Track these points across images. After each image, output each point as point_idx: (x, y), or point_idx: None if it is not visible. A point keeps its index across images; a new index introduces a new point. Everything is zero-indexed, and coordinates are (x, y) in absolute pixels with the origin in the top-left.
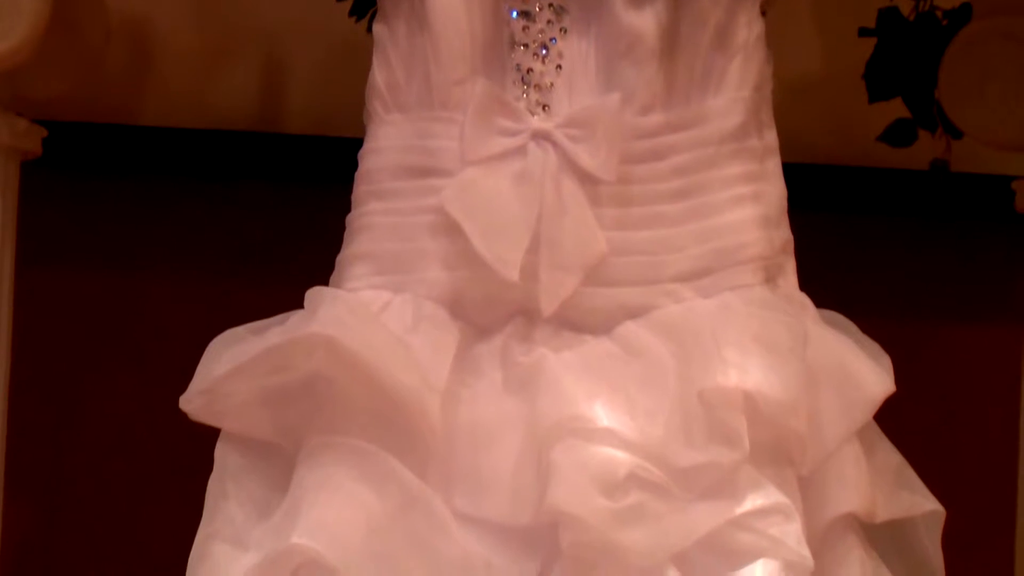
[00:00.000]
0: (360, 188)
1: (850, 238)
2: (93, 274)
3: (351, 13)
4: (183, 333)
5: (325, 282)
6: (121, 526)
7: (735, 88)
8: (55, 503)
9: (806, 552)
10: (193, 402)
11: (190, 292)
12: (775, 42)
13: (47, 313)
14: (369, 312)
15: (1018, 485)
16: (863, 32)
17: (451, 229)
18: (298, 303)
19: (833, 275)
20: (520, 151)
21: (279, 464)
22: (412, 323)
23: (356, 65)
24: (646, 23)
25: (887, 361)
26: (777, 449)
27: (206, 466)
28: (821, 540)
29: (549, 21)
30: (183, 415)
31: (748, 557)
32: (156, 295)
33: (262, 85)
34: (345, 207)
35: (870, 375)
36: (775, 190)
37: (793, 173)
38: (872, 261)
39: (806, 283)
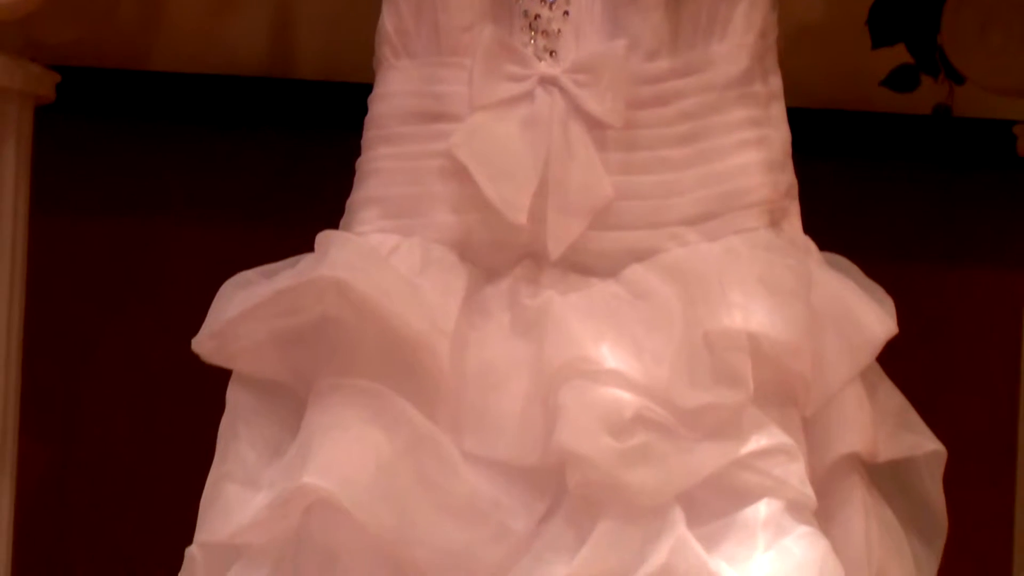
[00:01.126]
0: (369, 133)
1: (853, 182)
2: (106, 217)
3: None
4: (195, 276)
5: (335, 226)
6: (135, 468)
7: (740, 34)
8: (70, 445)
9: (809, 492)
10: (205, 344)
11: (202, 235)
12: None
13: (61, 256)
14: (378, 255)
15: (1018, 425)
16: None
17: (459, 173)
18: (308, 247)
19: (836, 219)
20: (527, 96)
21: (290, 405)
22: (421, 266)
23: (366, 11)
24: None
25: (890, 303)
26: (781, 390)
27: (219, 408)
28: (824, 480)
29: None
30: (196, 357)
31: (752, 497)
32: (168, 238)
33: (272, 31)
34: (355, 152)
35: (873, 317)
36: (779, 135)
37: (797, 118)
38: (875, 205)
39: (810, 227)
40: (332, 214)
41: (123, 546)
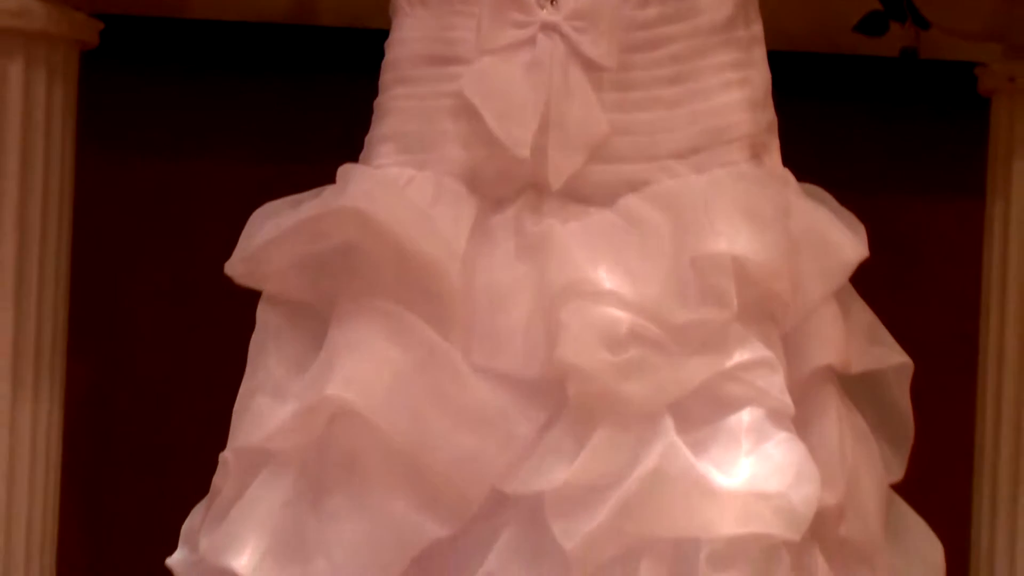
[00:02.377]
0: (386, 75)
1: (828, 119)
2: (146, 154)
3: None
4: (227, 207)
5: (355, 160)
6: (173, 381)
7: None
8: (115, 360)
9: (788, 400)
10: (237, 268)
11: (233, 169)
12: None
13: (105, 190)
14: (395, 187)
15: (979, 341)
16: None
17: (468, 112)
18: (331, 179)
19: (812, 153)
20: (530, 42)
21: (314, 324)
22: (434, 197)
23: None
24: None
25: (861, 229)
26: (762, 309)
27: (249, 326)
28: (801, 390)
29: None
30: (229, 280)
31: (736, 405)
32: (203, 173)
33: None
34: (372, 93)
35: (846, 242)
36: (760, 76)
37: (776, 60)
38: (848, 139)
39: (788, 160)
40: (352, 150)
41: (163, 453)
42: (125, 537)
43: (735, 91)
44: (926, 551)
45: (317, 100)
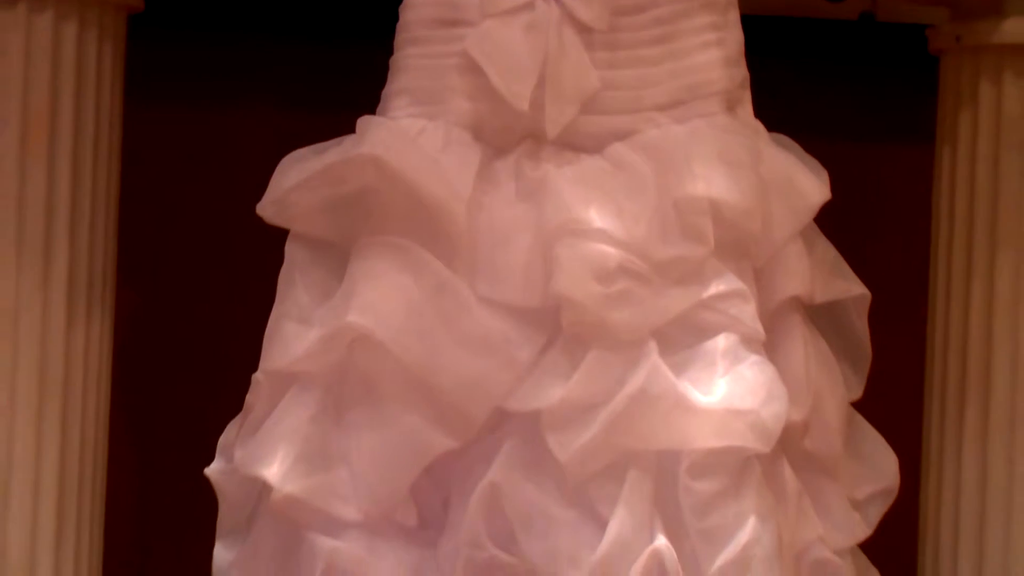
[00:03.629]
0: (400, 36)
1: (795, 76)
2: (187, 108)
3: None
4: (260, 157)
5: (373, 112)
6: (211, 308)
7: None
8: (159, 289)
9: (759, 327)
10: (267, 209)
11: (264, 121)
12: None
13: (150, 144)
14: (408, 136)
15: (929, 274)
16: None
17: (474, 69)
18: (351, 129)
19: (781, 106)
20: (529, 6)
21: (336, 258)
22: (443, 145)
23: None
24: None
25: (825, 174)
26: (736, 245)
27: (278, 261)
28: (771, 318)
29: None
30: (260, 219)
31: (713, 332)
32: (238, 124)
33: None
34: (388, 53)
35: (811, 185)
36: (735, 37)
37: (748, 23)
38: (812, 94)
39: (759, 112)
40: (370, 103)
41: (201, 374)
42: (169, 449)
43: (712, 51)
44: (882, 461)
45: (339, 59)
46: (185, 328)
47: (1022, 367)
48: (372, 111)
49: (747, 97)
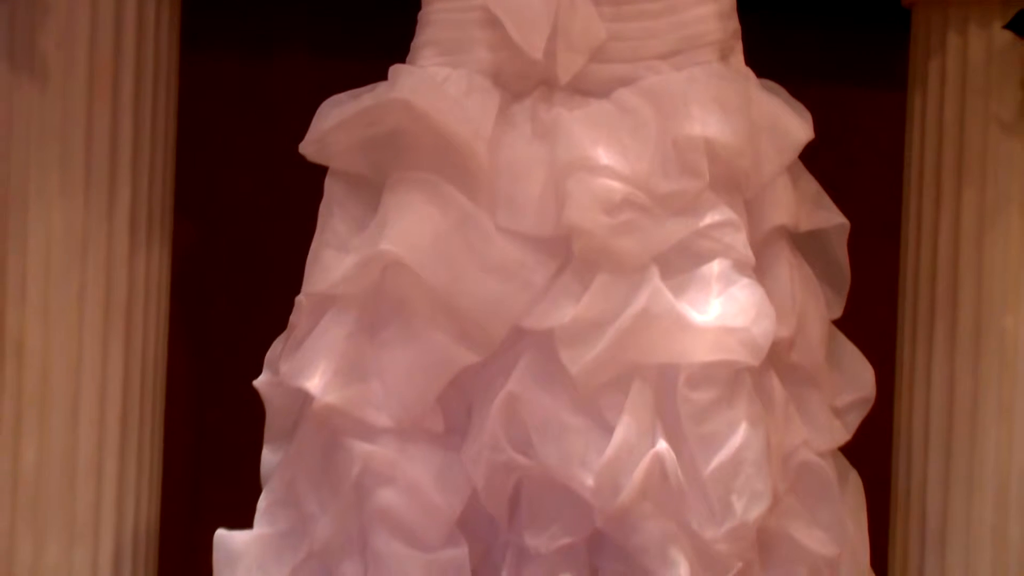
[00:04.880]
0: None
1: (781, 28)
2: (236, 59)
3: None
4: (303, 101)
5: (404, 62)
6: (260, 238)
7: None
8: (213, 221)
9: (749, 253)
10: (308, 148)
11: (307, 68)
12: None
13: (205, 99)
14: (435, 82)
15: (902, 205)
16: None
17: (493, 22)
18: (384, 76)
19: (767, 55)
20: None
21: (370, 192)
22: (466, 90)
23: None
24: None
25: (808, 116)
26: (729, 180)
27: (318, 195)
28: (760, 245)
29: None
30: (302, 157)
31: (708, 257)
32: (283, 70)
33: None
34: (417, 9)
35: (796, 126)
36: None
37: None
38: (797, 44)
39: (749, 60)
40: (401, 53)
41: (249, 296)
42: (221, 364)
43: (707, 5)
44: (860, 373)
45: (373, 11)
46: (234, 255)
47: (985, 288)
48: (403, 60)
49: (739, 47)
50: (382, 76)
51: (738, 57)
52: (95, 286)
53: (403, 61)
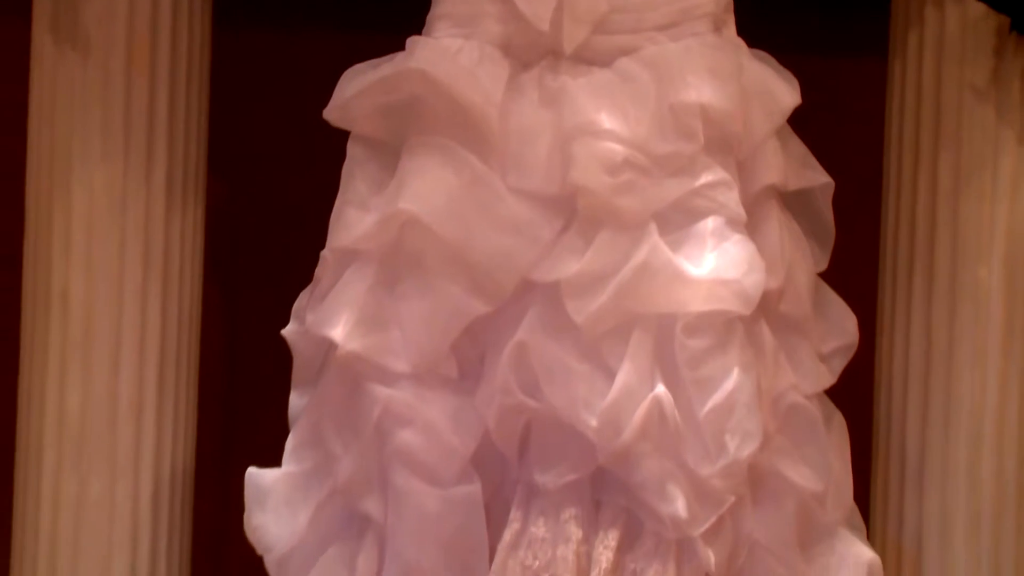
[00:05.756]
0: None
1: (770, 2)
2: (265, 30)
3: None
4: (327, 70)
5: (421, 33)
6: (286, 198)
7: None
8: (242, 180)
9: (741, 211)
10: (332, 113)
11: (333, 40)
12: None
13: (236, 70)
14: (449, 53)
15: (883, 163)
16: None
17: None
18: (402, 47)
19: (757, 26)
20: None
21: (389, 155)
22: (478, 60)
23: None
24: None
25: (796, 83)
26: (722, 143)
27: (341, 158)
28: (752, 203)
29: None
30: (326, 123)
31: (703, 215)
32: (309, 43)
33: None
34: None
35: (784, 92)
36: None
37: None
38: (785, 17)
39: (741, 31)
40: (417, 25)
41: (277, 251)
42: (251, 315)
43: None
44: (843, 321)
45: None
46: (263, 213)
47: (960, 243)
48: (419, 33)
49: (731, 19)
50: (400, 47)
51: (730, 28)
52: (134, 241)
53: (419, 33)
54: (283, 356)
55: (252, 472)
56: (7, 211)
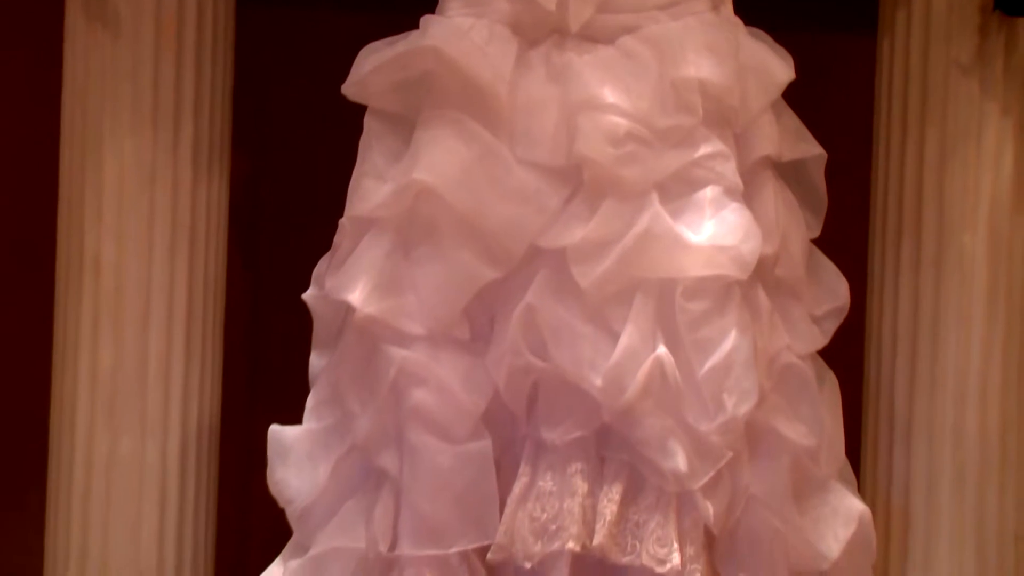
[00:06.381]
0: None
1: None
2: (289, 14)
3: None
4: (345, 47)
5: (434, 13)
6: (306, 168)
7: None
8: (264, 151)
9: (739, 181)
10: (350, 89)
11: (350, 19)
12: None
13: (258, 46)
14: (461, 30)
15: (873, 136)
16: None
17: None
18: (417, 26)
19: (753, 5)
20: None
21: (404, 128)
22: (488, 38)
23: None
24: None
25: (790, 59)
26: (720, 117)
27: (358, 131)
28: (748, 173)
29: None
30: (344, 97)
31: (701, 184)
32: (328, 21)
33: None
34: None
35: (779, 68)
36: None
37: None
38: None
39: (738, 10)
40: (430, 5)
41: (297, 219)
42: (274, 281)
43: None
44: (835, 285)
45: None
46: (285, 183)
47: (946, 211)
48: (432, 12)
49: None
50: (414, 25)
51: (728, 7)
52: (162, 210)
53: (433, 12)
54: (304, 319)
55: (274, 429)
56: (42, 181)
